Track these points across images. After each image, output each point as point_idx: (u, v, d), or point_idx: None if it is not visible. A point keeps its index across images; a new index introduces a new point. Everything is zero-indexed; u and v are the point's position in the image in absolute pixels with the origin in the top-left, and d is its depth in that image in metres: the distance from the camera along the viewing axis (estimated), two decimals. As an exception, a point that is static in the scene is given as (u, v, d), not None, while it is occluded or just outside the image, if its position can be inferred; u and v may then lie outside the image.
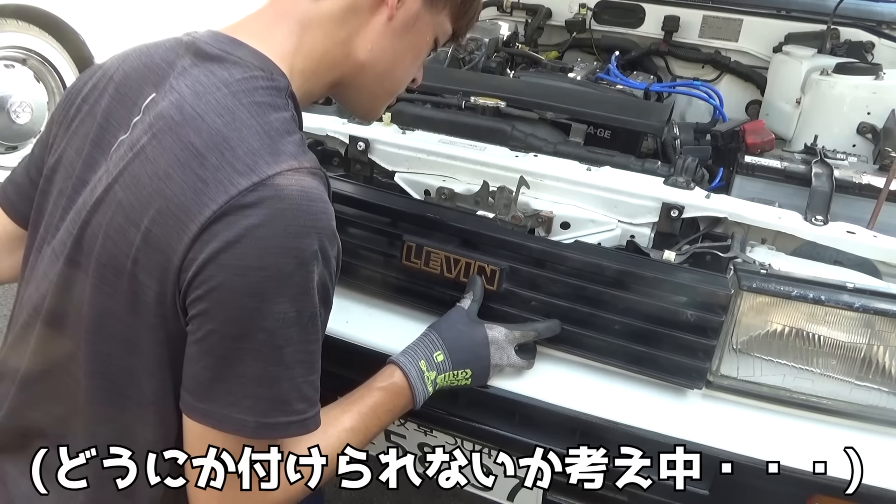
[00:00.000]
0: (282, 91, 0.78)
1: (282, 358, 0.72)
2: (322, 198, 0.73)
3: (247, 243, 0.68)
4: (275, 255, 0.68)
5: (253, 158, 0.70)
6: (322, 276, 0.73)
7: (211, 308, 0.69)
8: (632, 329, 1.04)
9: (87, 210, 0.76)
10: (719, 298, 1.00)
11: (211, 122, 0.72)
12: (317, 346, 0.76)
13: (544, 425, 1.08)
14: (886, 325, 0.98)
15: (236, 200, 0.68)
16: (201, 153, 0.71)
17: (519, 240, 1.10)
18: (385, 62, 0.87)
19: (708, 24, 2.07)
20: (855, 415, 1.03)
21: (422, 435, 1.23)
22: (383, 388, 0.93)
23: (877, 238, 1.10)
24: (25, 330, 0.83)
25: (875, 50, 1.88)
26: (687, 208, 1.15)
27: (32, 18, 3.26)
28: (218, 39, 0.80)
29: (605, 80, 1.81)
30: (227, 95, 0.74)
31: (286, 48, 0.80)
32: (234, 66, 0.76)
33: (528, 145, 1.31)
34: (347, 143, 1.36)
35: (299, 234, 0.69)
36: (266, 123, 0.73)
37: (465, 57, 1.85)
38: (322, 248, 0.72)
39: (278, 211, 0.69)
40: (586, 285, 1.06)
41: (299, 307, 0.71)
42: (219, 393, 0.71)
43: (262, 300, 0.69)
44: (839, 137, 1.56)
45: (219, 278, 0.68)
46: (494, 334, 1.02)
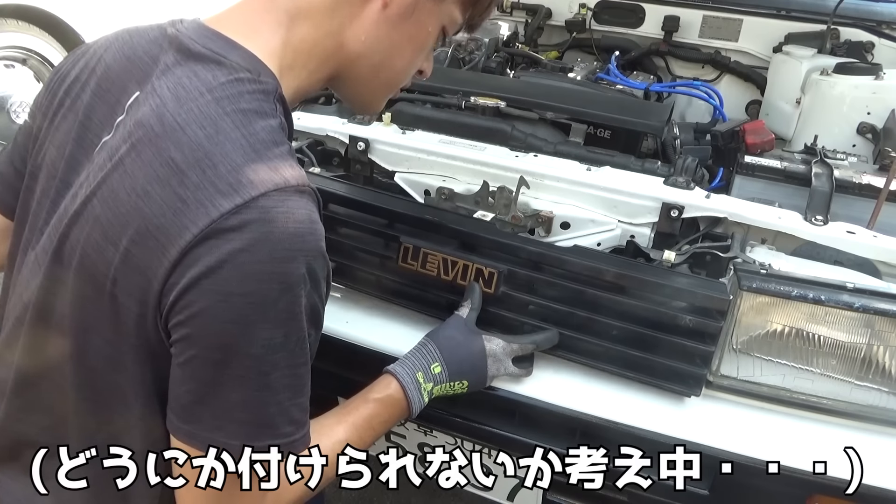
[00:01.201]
0: (269, 95, 0.74)
1: (268, 383, 0.69)
2: (310, 218, 0.69)
3: (230, 269, 0.64)
4: (259, 280, 0.65)
5: (236, 177, 0.66)
6: (311, 299, 0.71)
7: (193, 334, 0.67)
8: (629, 334, 1.03)
9: (66, 222, 0.74)
10: (717, 303, 0.99)
11: (192, 135, 0.68)
12: (305, 369, 0.73)
13: (544, 425, 1.08)
14: (886, 325, 0.98)
15: (218, 224, 0.65)
16: (182, 170, 0.67)
17: (516, 242, 1.08)
18: (381, 53, 0.82)
19: (708, 24, 2.07)
20: (855, 415, 1.03)
21: (422, 435, 1.23)
22: (380, 400, 0.92)
23: (877, 238, 1.10)
24: (10, 340, 0.82)
25: (875, 50, 1.88)
26: (687, 208, 1.15)
27: (32, 18, 3.26)
28: (202, 35, 0.75)
29: (605, 80, 1.81)
30: (211, 102, 0.70)
31: (274, 43, 0.76)
32: (218, 67, 0.72)
33: (528, 145, 1.31)
34: (347, 143, 1.36)
35: (285, 258, 0.66)
36: (251, 135, 0.69)
37: (465, 57, 1.85)
38: (310, 270, 0.69)
39: (263, 235, 0.65)
40: (584, 289, 1.05)
41: (286, 332, 0.69)
42: (203, 417, 0.69)
43: (246, 327, 0.66)
44: (839, 137, 1.56)
45: (201, 304, 0.65)
46: (492, 347, 1.01)
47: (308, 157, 1.36)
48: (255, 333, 0.67)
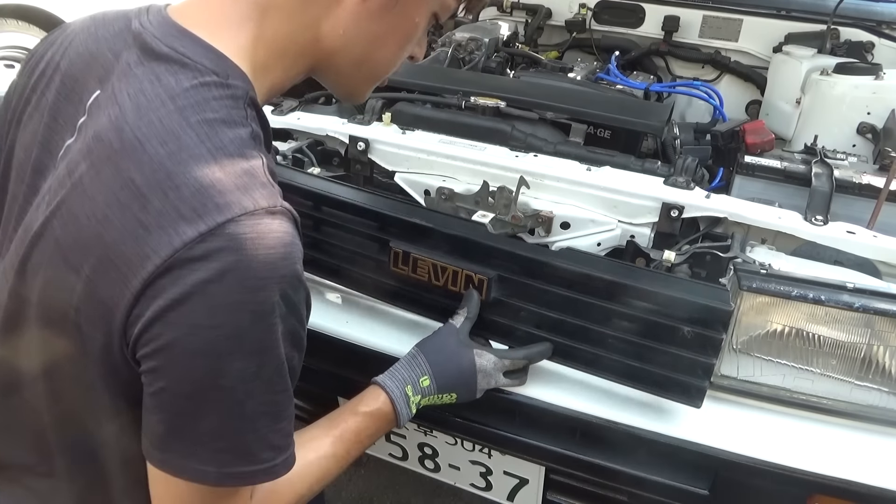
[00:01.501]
0: (239, 100, 0.68)
1: (242, 413, 0.66)
2: (283, 241, 0.64)
3: (196, 300, 0.60)
4: (229, 312, 0.61)
5: (201, 200, 0.61)
6: (288, 324, 0.66)
7: (161, 366, 0.63)
8: (627, 343, 0.99)
9: (30, 239, 0.70)
10: (720, 315, 0.93)
11: (153, 153, 0.63)
12: (284, 395, 0.69)
13: (544, 425, 1.08)
14: (886, 325, 0.98)
15: (182, 253, 0.60)
16: (142, 193, 0.62)
17: (506, 248, 1.04)
18: (361, 46, 0.76)
19: (708, 24, 2.07)
20: (855, 415, 1.03)
21: (422, 435, 1.23)
22: (369, 414, 0.91)
23: (877, 238, 1.10)
24: None
25: (875, 50, 1.89)
26: (687, 208, 1.15)
27: (32, 18, 3.26)
28: (166, 32, 0.69)
29: (605, 80, 1.81)
30: (173, 112, 0.64)
31: (244, 40, 0.70)
32: (182, 70, 0.67)
33: (528, 145, 1.31)
34: (347, 143, 1.36)
35: (256, 287, 0.62)
36: (218, 149, 0.64)
37: (465, 57, 1.85)
38: (285, 297, 0.64)
39: (231, 264, 0.60)
40: (578, 297, 1.00)
41: (260, 362, 0.65)
42: (175, 447, 0.66)
43: (216, 359, 0.62)
44: (839, 137, 1.57)
45: (167, 337, 0.61)
46: (483, 362, 0.99)
47: (308, 157, 1.36)
48: (227, 366, 0.63)
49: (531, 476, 1.20)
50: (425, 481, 1.37)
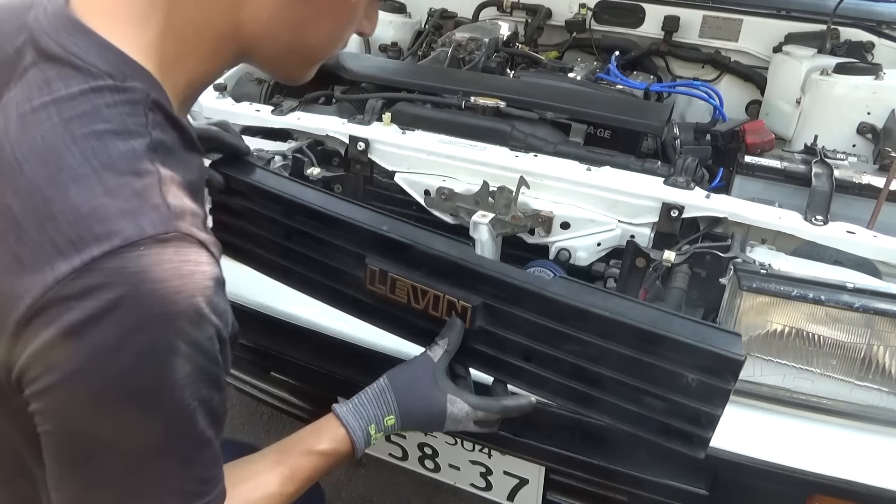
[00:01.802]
0: (138, 105, 0.60)
1: (133, 470, 0.60)
2: (177, 272, 0.56)
3: (72, 343, 0.54)
4: (109, 354, 0.54)
5: (78, 231, 0.54)
6: (196, 363, 0.59)
7: (44, 409, 0.58)
8: (625, 385, 0.85)
9: None
10: (731, 364, 0.78)
11: (31, 176, 0.56)
12: (193, 441, 0.62)
13: (544, 425, 1.08)
14: (886, 325, 0.98)
15: (55, 292, 0.53)
16: (19, 222, 0.56)
17: (495, 273, 0.89)
18: (290, 30, 0.69)
19: (708, 24, 2.07)
20: (855, 415, 1.03)
21: (421, 435, 1.23)
22: (325, 454, 0.84)
23: (877, 238, 1.10)
24: None
25: (875, 50, 1.89)
26: (687, 208, 1.15)
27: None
28: (59, 27, 0.61)
29: (605, 80, 1.81)
30: (58, 126, 0.57)
31: (150, 34, 0.62)
32: (74, 73, 0.59)
33: (528, 145, 1.31)
34: (347, 143, 1.36)
35: (140, 326, 0.55)
36: (105, 168, 0.56)
37: (465, 57, 1.85)
38: (182, 334, 0.57)
39: (110, 302, 0.53)
40: (571, 332, 0.85)
41: (154, 409, 0.58)
42: (67, 497, 0.62)
43: (100, 407, 0.56)
44: (839, 137, 1.57)
45: (45, 381, 0.55)
46: (454, 411, 0.88)
47: (308, 157, 1.36)
48: (113, 415, 0.57)
49: (531, 476, 1.20)
50: (425, 481, 1.37)
